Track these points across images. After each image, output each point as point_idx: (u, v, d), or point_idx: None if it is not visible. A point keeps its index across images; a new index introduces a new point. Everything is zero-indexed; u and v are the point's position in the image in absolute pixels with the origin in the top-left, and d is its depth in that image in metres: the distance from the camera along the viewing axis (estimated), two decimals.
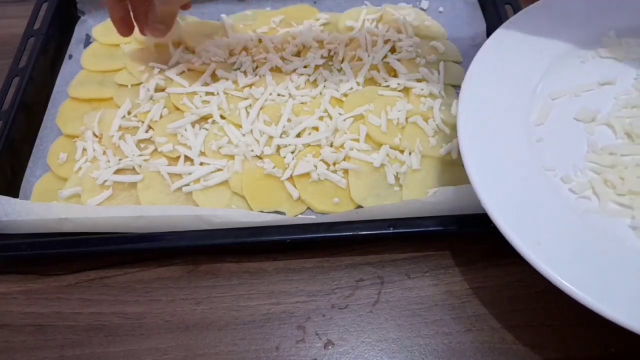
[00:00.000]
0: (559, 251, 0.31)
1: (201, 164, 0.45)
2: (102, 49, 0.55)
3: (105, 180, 0.44)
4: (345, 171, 0.44)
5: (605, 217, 0.34)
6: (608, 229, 0.33)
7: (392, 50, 0.51)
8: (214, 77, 0.51)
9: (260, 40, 0.53)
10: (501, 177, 0.34)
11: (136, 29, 0.50)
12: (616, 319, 0.28)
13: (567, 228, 0.33)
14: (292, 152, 0.45)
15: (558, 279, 0.30)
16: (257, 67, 0.51)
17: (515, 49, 0.41)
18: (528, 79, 0.40)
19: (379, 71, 0.50)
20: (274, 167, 0.44)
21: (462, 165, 0.43)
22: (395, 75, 0.49)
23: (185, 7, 0.51)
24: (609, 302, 0.29)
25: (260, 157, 0.45)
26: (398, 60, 0.50)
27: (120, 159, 0.45)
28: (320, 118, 0.47)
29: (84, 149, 0.46)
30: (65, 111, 0.50)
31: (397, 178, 0.43)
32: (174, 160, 0.45)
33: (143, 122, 0.48)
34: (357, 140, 0.45)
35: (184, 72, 0.51)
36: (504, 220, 0.32)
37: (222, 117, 0.47)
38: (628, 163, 0.36)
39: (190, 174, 0.44)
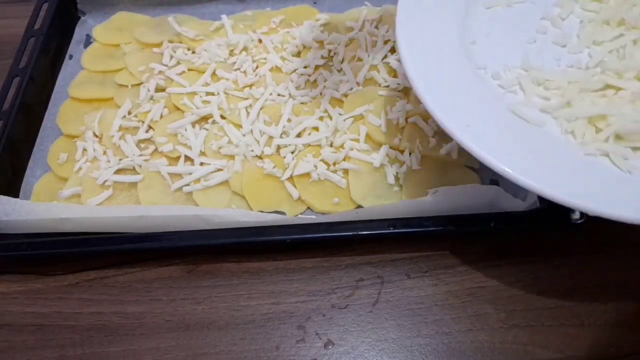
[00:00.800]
0: (486, 132, 0.33)
1: (201, 164, 0.45)
2: (102, 49, 0.55)
3: (106, 180, 0.44)
4: (345, 171, 0.44)
5: (530, 108, 0.37)
6: (531, 115, 0.36)
7: (392, 50, 0.51)
8: (214, 77, 0.51)
9: (260, 41, 0.53)
10: (435, 72, 0.36)
11: None
12: (534, 188, 0.30)
13: (494, 113, 0.35)
14: (292, 152, 0.45)
15: (484, 155, 0.32)
16: (257, 67, 0.51)
17: None
18: None
19: (378, 71, 0.50)
20: (274, 167, 0.44)
21: (462, 166, 0.44)
22: (395, 76, 0.49)
23: None
24: (530, 174, 0.31)
25: (260, 157, 0.45)
26: (398, 60, 0.50)
27: (120, 159, 0.45)
28: (320, 118, 0.47)
29: (84, 149, 0.47)
30: (66, 111, 0.50)
31: (397, 178, 0.43)
32: (174, 160, 0.46)
33: (143, 122, 0.48)
34: (357, 140, 0.45)
35: (184, 72, 0.51)
36: (436, 106, 0.34)
37: (222, 117, 0.47)
38: (558, 66, 0.39)
39: (190, 174, 0.44)
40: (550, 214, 0.38)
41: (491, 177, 0.43)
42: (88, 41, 0.56)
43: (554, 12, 0.42)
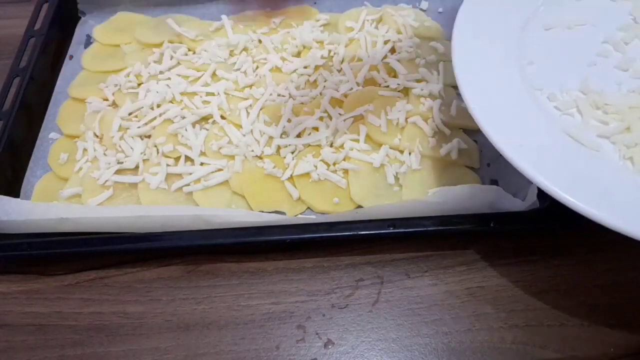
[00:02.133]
0: (539, 153, 0.33)
1: (201, 164, 0.45)
2: (102, 49, 0.55)
3: (106, 180, 0.44)
4: (345, 171, 0.44)
5: (587, 131, 0.36)
6: (587, 139, 0.35)
7: (392, 50, 0.51)
8: (215, 77, 0.51)
9: (260, 41, 0.54)
10: (490, 92, 0.36)
11: None
12: (581, 209, 0.30)
13: (548, 135, 0.35)
14: (292, 152, 0.45)
15: (535, 175, 0.31)
16: (257, 68, 0.51)
17: None
18: (524, 10, 0.42)
19: (378, 71, 0.50)
20: (274, 167, 0.44)
21: (462, 166, 0.44)
22: (394, 76, 0.49)
23: None
24: (579, 196, 0.30)
25: (260, 157, 0.45)
26: (398, 60, 0.50)
27: (120, 160, 0.45)
28: (320, 118, 0.47)
29: (85, 149, 0.47)
30: (66, 111, 0.50)
31: (396, 178, 0.43)
32: (175, 160, 0.45)
33: (146, 123, 0.47)
34: (357, 140, 0.45)
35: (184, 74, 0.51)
36: (489, 125, 0.34)
37: (222, 117, 0.48)
38: (619, 90, 0.38)
39: (190, 174, 0.44)
40: (549, 214, 0.38)
41: (491, 177, 0.43)
42: (88, 41, 0.56)
43: (617, 36, 0.40)
